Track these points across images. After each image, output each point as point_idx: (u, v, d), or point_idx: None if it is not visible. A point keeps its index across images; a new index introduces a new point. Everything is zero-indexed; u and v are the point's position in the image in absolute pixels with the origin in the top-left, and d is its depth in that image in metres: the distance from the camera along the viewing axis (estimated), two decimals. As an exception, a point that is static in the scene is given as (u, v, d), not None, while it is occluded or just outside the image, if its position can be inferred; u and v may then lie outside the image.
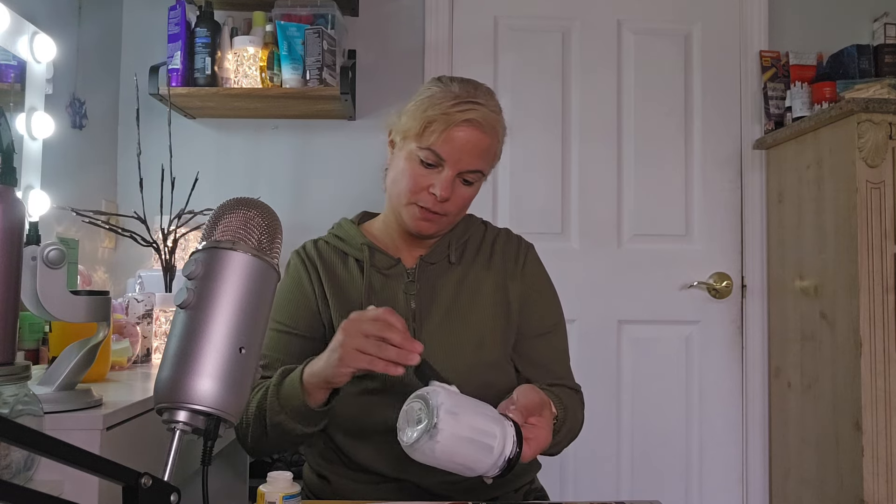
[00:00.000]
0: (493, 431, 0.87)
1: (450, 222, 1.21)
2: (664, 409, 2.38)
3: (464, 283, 1.22)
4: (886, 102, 1.85)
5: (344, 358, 0.95)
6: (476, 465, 0.88)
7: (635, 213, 2.41)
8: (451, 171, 1.13)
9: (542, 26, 2.44)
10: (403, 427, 0.88)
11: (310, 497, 1.23)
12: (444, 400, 0.86)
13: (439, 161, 1.13)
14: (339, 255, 1.24)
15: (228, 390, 0.62)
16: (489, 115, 1.14)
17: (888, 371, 1.83)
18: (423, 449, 0.85)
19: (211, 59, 2.14)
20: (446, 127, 1.12)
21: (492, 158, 1.19)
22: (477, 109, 1.13)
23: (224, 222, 0.69)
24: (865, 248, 1.85)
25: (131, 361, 1.59)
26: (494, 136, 1.17)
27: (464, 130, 1.12)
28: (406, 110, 1.18)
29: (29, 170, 1.48)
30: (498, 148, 1.20)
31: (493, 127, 1.15)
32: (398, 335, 0.93)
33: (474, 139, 1.13)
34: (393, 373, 0.93)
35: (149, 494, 0.55)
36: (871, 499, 1.80)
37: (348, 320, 0.98)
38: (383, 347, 0.93)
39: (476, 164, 1.15)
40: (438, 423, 0.84)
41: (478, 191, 1.21)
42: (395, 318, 0.95)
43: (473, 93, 1.15)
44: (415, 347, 0.93)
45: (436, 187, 1.13)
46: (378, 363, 0.93)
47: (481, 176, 1.18)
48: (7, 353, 0.80)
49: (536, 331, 1.24)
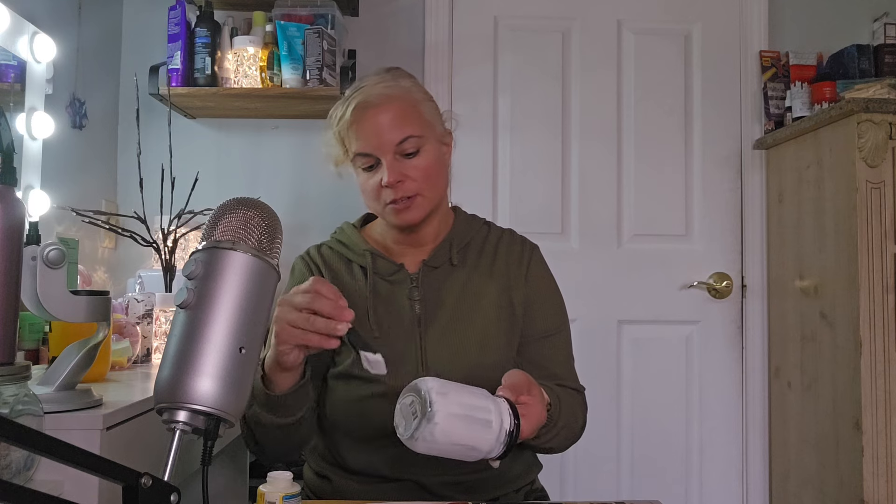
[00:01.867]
0: (486, 406, 0.88)
1: (428, 200, 1.17)
2: (664, 409, 2.38)
3: (467, 287, 1.21)
4: (886, 102, 1.85)
5: (279, 334, 0.94)
6: (479, 444, 0.88)
7: (635, 213, 2.41)
8: (385, 157, 1.12)
9: (542, 26, 2.44)
10: (400, 423, 0.89)
11: (310, 497, 1.22)
12: (433, 384, 0.87)
13: (372, 157, 1.13)
14: (343, 261, 1.24)
15: (228, 390, 0.62)
16: (376, 88, 1.13)
17: (888, 371, 1.83)
18: (423, 436, 0.85)
19: (211, 59, 2.14)
20: (349, 126, 1.13)
21: (416, 119, 1.15)
22: (361, 91, 1.13)
23: (224, 222, 0.69)
24: (865, 248, 1.85)
25: (131, 361, 1.59)
26: (398, 100, 1.14)
27: (365, 117, 1.12)
28: (325, 141, 1.20)
29: (29, 170, 1.48)
30: (419, 106, 1.16)
31: (387, 96, 1.13)
32: (328, 304, 0.91)
33: (378, 116, 1.12)
34: (326, 346, 0.91)
35: (149, 494, 0.56)
36: (871, 499, 1.80)
37: (282, 297, 0.96)
38: (312, 320, 0.91)
39: (397, 135, 1.12)
40: (433, 405, 0.84)
41: (436, 157, 1.17)
42: (326, 286, 0.93)
43: (358, 84, 1.16)
44: (343, 315, 0.91)
45: (383, 179, 1.13)
46: (311, 336, 0.91)
47: (419, 140, 1.14)
48: (7, 353, 0.80)
49: (540, 333, 1.24)
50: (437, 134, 1.19)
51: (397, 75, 1.18)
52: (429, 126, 1.17)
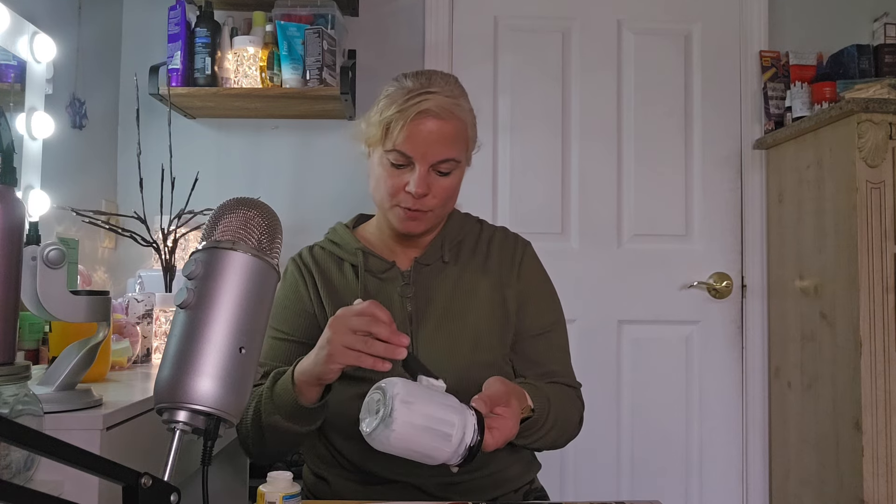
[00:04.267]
0: (450, 420, 0.88)
1: (437, 216, 1.19)
2: (664, 408, 2.38)
3: (459, 284, 1.21)
4: (886, 102, 1.85)
5: (333, 354, 0.95)
6: (434, 454, 0.88)
7: (635, 213, 2.41)
8: (422, 167, 1.12)
9: (542, 26, 2.44)
10: (365, 417, 0.90)
11: (309, 497, 1.23)
12: (400, 390, 0.87)
13: (408, 159, 1.13)
14: (334, 260, 1.24)
15: (228, 390, 0.62)
16: (445, 101, 1.12)
17: (888, 371, 1.83)
18: (379, 438, 0.86)
19: (211, 59, 2.14)
20: (404, 123, 1.11)
21: (463, 143, 1.16)
22: (430, 98, 1.11)
23: (224, 222, 0.69)
24: (865, 248, 1.85)
25: (131, 361, 1.59)
26: (457, 121, 1.14)
27: (422, 123, 1.11)
28: (367, 117, 1.18)
29: (29, 170, 1.48)
30: (468, 131, 1.17)
31: (451, 112, 1.13)
32: (385, 329, 0.93)
33: (435, 129, 1.11)
34: (381, 368, 0.93)
35: (149, 494, 0.55)
36: (871, 499, 1.80)
37: (335, 316, 0.98)
38: (370, 343, 0.93)
39: (445, 153, 1.13)
40: (393, 413, 0.85)
41: (460, 180, 1.18)
42: (381, 311, 0.94)
43: (427, 83, 1.14)
44: (401, 341, 0.93)
45: (411, 185, 1.12)
46: (366, 359, 0.93)
47: (456, 164, 1.15)
48: (7, 353, 0.80)
49: (535, 330, 1.24)
50: (468, 158, 1.21)
51: (461, 92, 1.18)
52: (466, 151, 1.19)
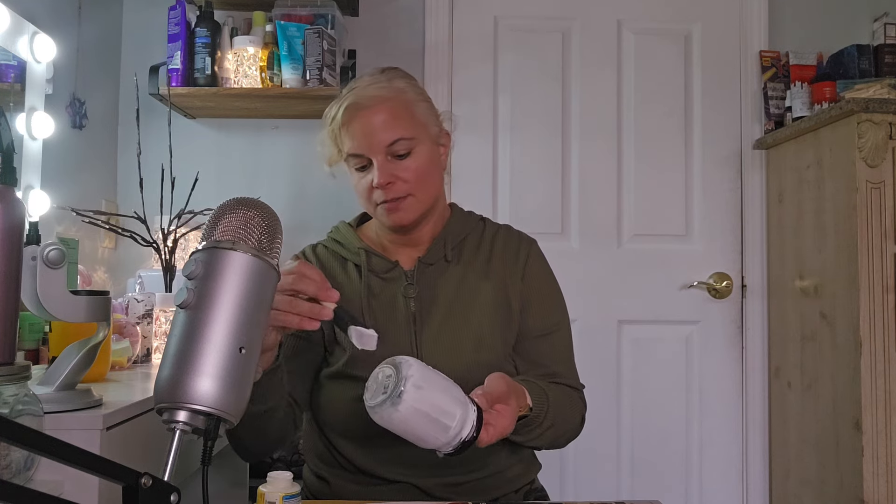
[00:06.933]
0: (453, 412, 0.89)
1: (419, 201, 1.16)
2: (664, 408, 2.38)
3: (463, 284, 1.21)
4: (886, 102, 1.85)
5: None
6: (429, 440, 0.90)
7: (635, 213, 2.41)
8: (376, 158, 1.13)
9: (542, 26, 2.44)
10: (370, 387, 0.90)
11: (309, 497, 1.22)
12: (415, 373, 0.88)
13: (363, 159, 1.14)
14: (338, 260, 1.24)
15: (228, 390, 0.62)
16: (368, 90, 1.14)
17: (888, 371, 1.83)
18: (382, 413, 0.87)
19: (211, 59, 2.14)
20: (342, 127, 1.14)
21: (408, 120, 1.14)
22: (354, 91, 1.14)
23: (224, 222, 0.69)
24: (865, 248, 1.85)
25: (131, 361, 1.59)
26: (390, 101, 1.14)
27: (355, 119, 1.13)
28: (320, 141, 1.21)
29: (29, 170, 1.48)
30: (411, 107, 1.16)
31: (379, 97, 1.13)
32: (312, 286, 0.89)
33: (370, 118, 1.12)
34: (308, 328, 0.89)
35: (149, 494, 0.56)
36: (871, 499, 1.80)
37: None
38: (295, 302, 0.88)
39: (389, 136, 1.12)
40: (403, 394, 0.86)
41: (428, 157, 1.16)
42: (311, 269, 0.91)
43: (353, 83, 1.17)
44: (329, 297, 0.90)
45: (374, 179, 1.13)
46: (291, 318, 0.88)
47: (410, 141, 1.14)
48: (7, 353, 0.80)
49: (538, 331, 1.23)
50: (432, 135, 1.19)
51: (392, 76, 1.18)
52: (422, 127, 1.17)
